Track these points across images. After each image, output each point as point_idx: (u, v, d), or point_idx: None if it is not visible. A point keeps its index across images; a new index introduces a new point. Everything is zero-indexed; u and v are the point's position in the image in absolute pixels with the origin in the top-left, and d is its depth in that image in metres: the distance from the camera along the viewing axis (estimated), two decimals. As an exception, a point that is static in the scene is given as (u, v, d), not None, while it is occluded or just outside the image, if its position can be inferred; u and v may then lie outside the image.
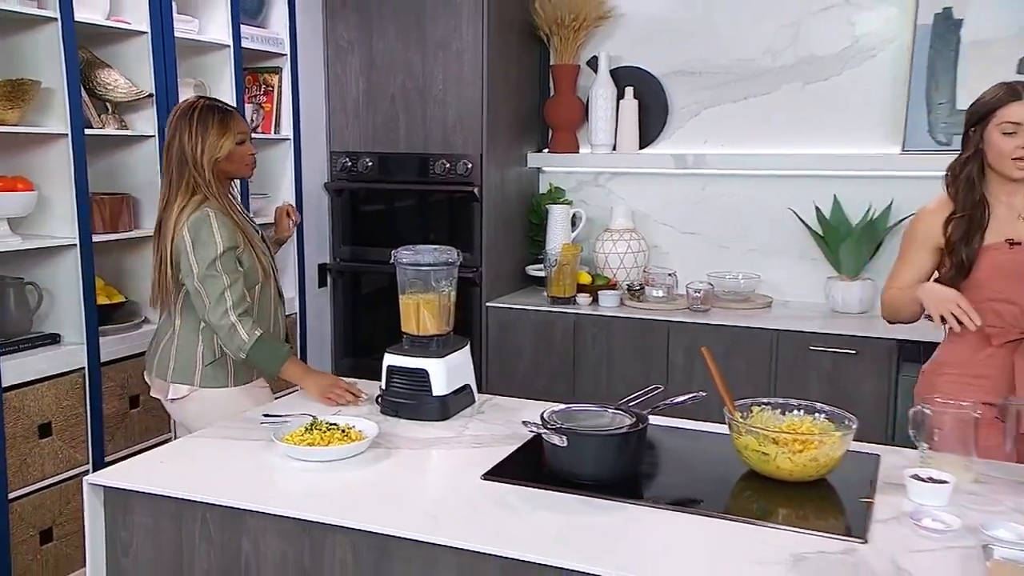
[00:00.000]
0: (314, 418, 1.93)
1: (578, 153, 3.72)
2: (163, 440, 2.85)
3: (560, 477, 1.69)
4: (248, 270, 2.27)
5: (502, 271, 3.61)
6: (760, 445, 1.68)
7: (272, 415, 2.06)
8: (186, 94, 2.97)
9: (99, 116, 2.77)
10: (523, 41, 3.63)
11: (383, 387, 2.12)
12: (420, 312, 2.11)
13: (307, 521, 1.56)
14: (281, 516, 1.58)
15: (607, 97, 3.58)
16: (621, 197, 3.69)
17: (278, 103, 3.46)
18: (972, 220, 2.04)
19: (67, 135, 2.55)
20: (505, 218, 3.62)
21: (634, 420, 1.75)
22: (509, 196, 3.64)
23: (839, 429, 1.73)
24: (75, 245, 2.60)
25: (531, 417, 1.78)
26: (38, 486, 2.52)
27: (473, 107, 3.40)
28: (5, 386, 2.42)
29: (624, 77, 3.61)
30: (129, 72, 2.83)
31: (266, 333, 2.24)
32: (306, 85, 3.53)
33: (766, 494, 1.67)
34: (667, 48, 3.57)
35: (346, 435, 1.87)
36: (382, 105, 3.54)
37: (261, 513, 1.60)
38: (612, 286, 3.48)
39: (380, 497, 1.65)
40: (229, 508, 1.62)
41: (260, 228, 2.45)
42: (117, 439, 2.76)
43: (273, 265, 2.41)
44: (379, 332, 3.59)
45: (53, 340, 2.63)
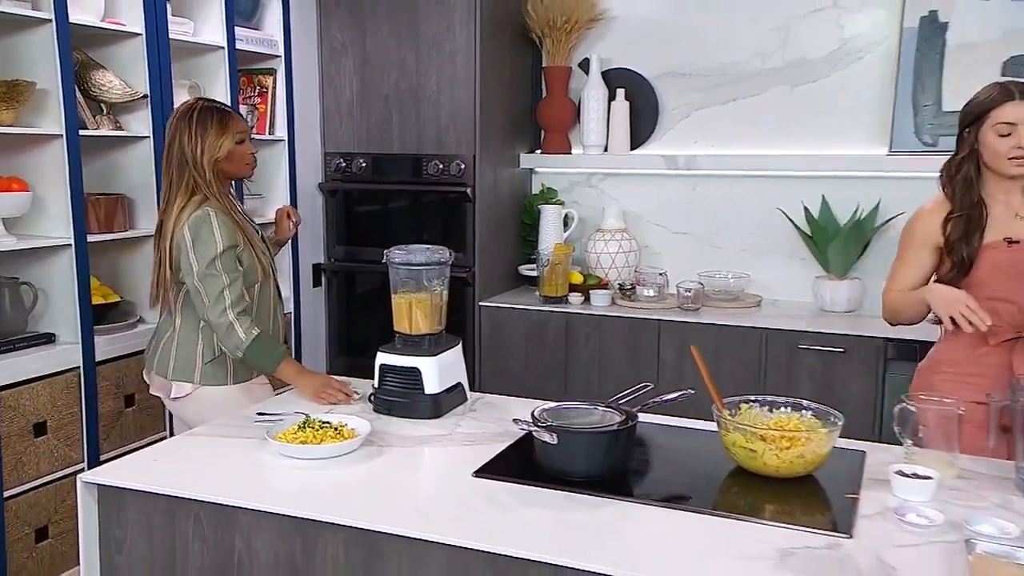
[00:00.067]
0: (307, 416, 1.94)
1: (570, 154, 3.75)
2: (158, 439, 2.86)
3: (551, 474, 1.69)
4: (248, 269, 2.28)
5: (495, 271, 3.63)
6: (748, 442, 1.69)
7: (266, 413, 2.08)
8: (180, 95, 2.99)
9: (94, 117, 2.79)
10: (515, 43, 3.65)
11: (376, 385, 2.14)
12: (412, 311, 2.12)
13: (299, 518, 1.57)
14: (274, 514, 1.59)
15: (599, 99, 3.60)
16: (613, 197, 3.72)
17: (272, 104, 3.47)
18: (971, 219, 2.05)
19: (62, 136, 2.56)
20: (498, 218, 3.63)
21: (623, 418, 1.77)
22: (502, 196, 3.66)
23: (825, 426, 1.74)
24: (70, 245, 2.61)
25: (522, 415, 1.79)
26: (33, 484, 2.53)
27: (466, 108, 3.41)
28: (0, 385, 2.43)
29: (615, 79, 3.63)
30: (124, 73, 2.84)
31: (263, 333, 2.25)
32: (300, 86, 3.54)
33: (754, 490, 1.68)
34: (658, 50, 3.59)
35: (339, 433, 1.88)
36: (376, 106, 3.56)
37: (254, 511, 1.60)
38: (604, 286, 3.50)
39: (372, 494, 1.66)
40: (222, 506, 1.63)
41: (260, 228, 2.47)
42: (112, 438, 2.77)
43: (272, 265, 2.43)
44: (373, 331, 3.56)
45: (48, 340, 2.64)
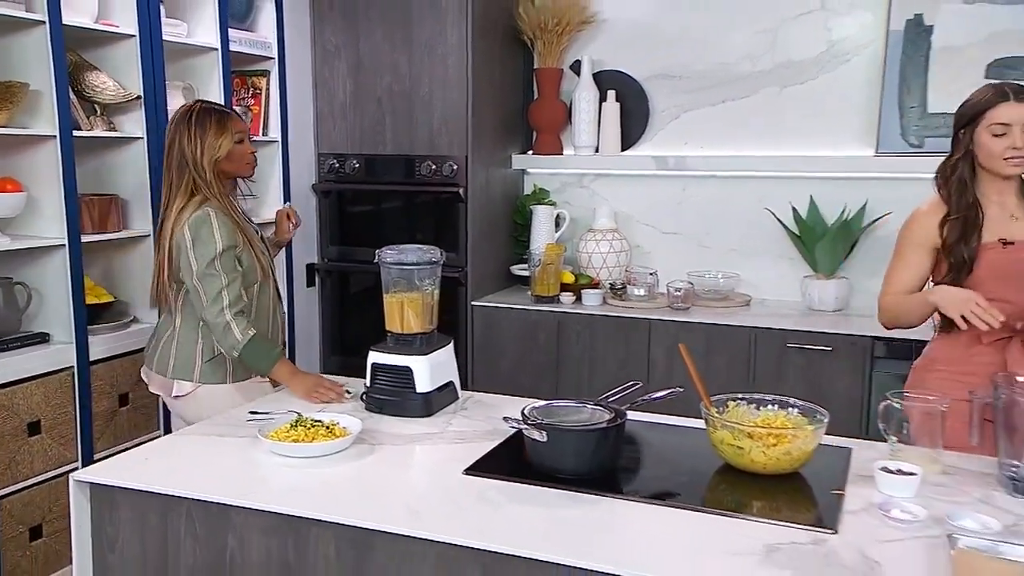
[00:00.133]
0: (299, 415, 1.95)
1: (562, 155, 3.76)
2: (152, 438, 2.85)
3: (540, 472, 1.70)
4: (247, 269, 2.30)
5: (487, 271, 3.65)
6: (735, 439, 1.71)
7: (258, 412, 2.09)
8: (174, 97, 3.00)
9: (87, 118, 2.79)
10: (507, 45, 3.67)
11: (368, 384, 2.15)
12: (404, 311, 2.14)
13: (291, 516, 1.57)
14: (265, 512, 1.59)
15: (590, 100, 3.62)
16: (604, 198, 3.74)
17: (266, 106, 3.48)
18: (967, 221, 2.06)
19: (55, 137, 2.57)
20: (490, 219, 3.65)
21: (613, 415, 1.77)
22: (494, 197, 3.68)
23: (812, 423, 1.76)
24: (64, 245, 2.62)
25: (513, 413, 1.80)
26: (27, 483, 2.54)
27: (458, 110, 3.43)
28: (-6, 385, 2.45)
29: (606, 81, 3.65)
30: (117, 75, 2.85)
31: (259, 334, 2.27)
32: (294, 88, 3.55)
33: (741, 487, 1.69)
34: (648, 53, 3.61)
35: (330, 431, 1.88)
36: (369, 107, 3.57)
37: (246, 509, 1.60)
38: (595, 285, 3.52)
39: (363, 492, 1.66)
40: (214, 504, 1.63)
41: (259, 229, 2.49)
42: (106, 437, 2.78)
43: (272, 265, 2.45)
44: (366, 331, 3.61)
45: (42, 339, 2.65)
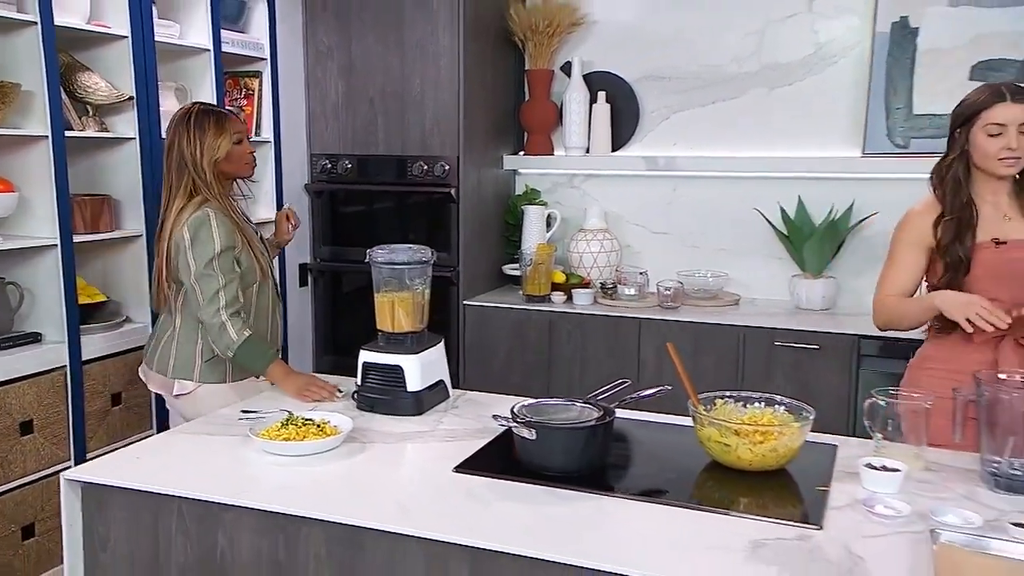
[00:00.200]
0: (290, 413, 1.95)
1: (553, 155, 3.78)
2: (145, 437, 2.86)
3: (530, 469, 1.71)
4: (246, 270, 2.32)
5: (479, 270, 3.66)
6: (722, 436, 1.72)
7: (249, 411, 2.09)
8: (167, 98, 3.01)
9: (80, 118, 2.80)
10: (499, 46, 3.68)
11: (359, 383, 2.15)
12: (395, 310, 2.15)
13: (281, 514, 1.57)
14: (256, 510, 1.59)
15: (580, 101, 3.64)
16: (594, 198, 3.75)
17: (259, 106, 3.49)
18: (961, 221, 2.07)
19: (47, 137, 2.58)
20: (482, 219, 3.67)
21: (601, 413, 1.78)
22: (486, 197, 3.69)
23: (798, 420, 1.77)
24: (56, 245, 2.63)
25: (503, 412, 1.80)
26: (20, 483, 2.55)
27: (450, 110, 3.44)
28: (-13, 384, 2.45)
29: (596, 82, 3.67)
30: (110, 75, 2.86)
31: (255, 334, 2.28)
32: (286, 89, 3.56)
33: (728, 484, 1.71)
34: (638, 54, 3.63)
35: (321, 430, 1.88)
36: (361, 108, 3.58)
37: (236, 507, 1.61)
38: (586, 285, 3.53)
39: (353, 490, 1.67)
40: (205, 502, 1.63)
41: (259, 229, 2.50)
42: (99, 436, 2.79)
43: (271, 266, 2.46)
44: (359, 330, 3.56)
45: (34, 339, 2.65)
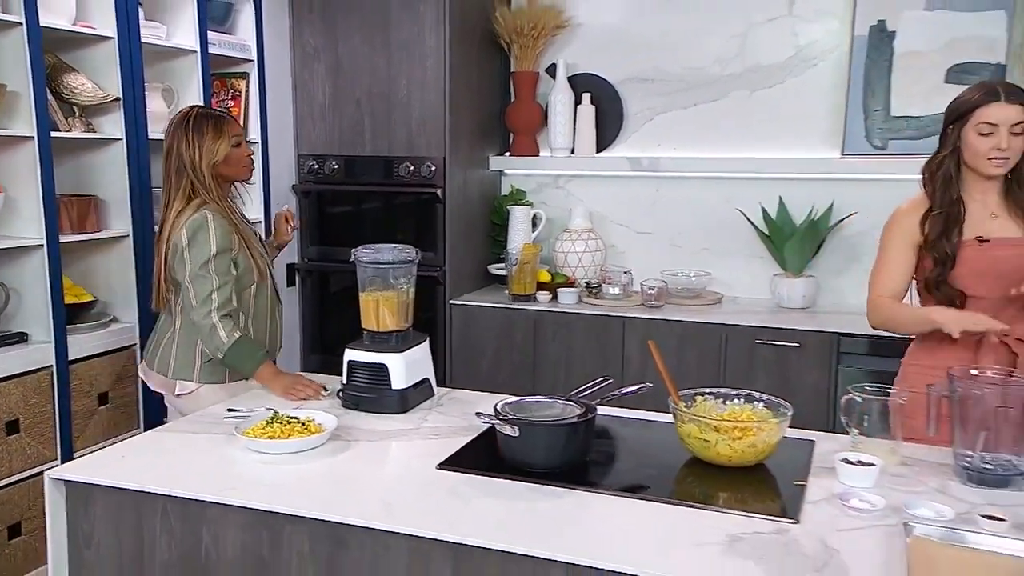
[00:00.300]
0: (275, 412, 1.96)
1: (538, 156, 3.80)
2: (132, 436, 2.87)
3: (512, 466, 1.72)
4: (243, 271, 2.34)
5: (465, 270, 3.68)
6: (702, 433, 1.74)
7: (235, 409, 2.11)
8: (154, 99, 3.02)
9: (66, 119, 2.80)
10: (484, 49, 3.70)
11: (344, 381, 2.17)
12: (380, 309, 2.16)
13: (265, 512, 1.58)
14: (240, 507, 1.60)
15: (565, 103, 3.66)
16: (579, 198, 3.78)
17: (246, 107, 3.48)
18: (949, 217, 2.07)
19: (33, 138, 2.58)
20: (468, 219, 3.69)
21: (583, 410, 1.80)
22: (472, 198, 3.71)
23: (776, 417, 1.80)
24: (42, 245, 2.63)
25: (487, 409, 1.81)
26: (6, 482, 2.55)
27: (436, 112, 3.46)
28: (-27, 384, 2.45)
29: (581, 84, 3.70)
30: (96, 76, 2.86)
31: (245, 336, 2.30)
32: (273, 90, 3.57)
33: (708, 479, 1.73)
34: (622, 57, 3.66)
35: (306, 428, 1.89)
36: (348, 109, 3.60)
37: (221, 504, 1.61)
38: (571, 284, 3.56)
39: (337, 487, 1.67)
40: (189, 500, 1.64)
41: (258, 231, 2.51)
42: (86, 436, 2.79)
43: (270, 267, 2.48)
44: (346, 329, 3.57)
45: (20, 339, 2.65)
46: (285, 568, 1.60)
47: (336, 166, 3.65)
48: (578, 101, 3.68)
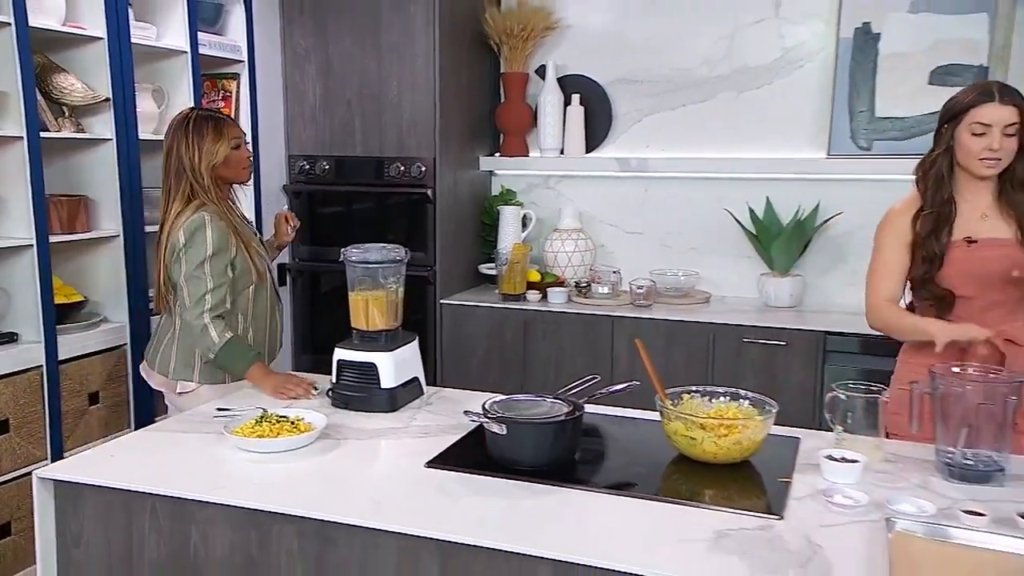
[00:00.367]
0: (264, 411, 1.97)
1: (528, 157, 3.82)
2: (123, 436, 2.88)
3: (500, 464, 1.73)
4: (241, 273, 2.35)
5: (455, 270, 3.69)
6: (688, 430, 1.75)
7: (225, 408, 2.11)
8: (144, 99, 3.02)
9: (56, 119, 2.80)
10: (475, 50, 3.72)
11: (334, 380, 2.17)
12: (369, 308, 2.17)
13: (254, 510, 1.58)
14: (229, 506, 1.60)
15: (555, 104, 3.68)
16: (569, 199, 3.80)
17: (236, 108, 3.49)
18: (940, 216, 2.08)
19: (23, 138, 2.58)
20: (458, 219, 3.70)
21: (571, 408, 1.81)
22: (462, 198, 3.72)
23: (761, 414, 1.81)
24: (32, 246, 2.62)
25: (475, 408, 1.81)
26: (-4, 482, 2.55)
27: (427, 112, 3.47)
28: (-37, 384, 2.45)
29: (570, 85, 3.71)
30: (86, 76, 2.85)
31: (236, 337, 2.30)
32: (264, 90, 3.57)
33: (694, 476, 1.74)
34: (611, 58, 3.68)
35: (295, 427, 1.90)
36: (338, 110, 3.60)
37: (209, 503, 1.61)
38: (560, 283, 3.58)
39: (326, 486, 1.68)
40: (178, 499, 1.64)
41: (257, 232, 2.52)
42: (76, 436, 2.79)
43: (269, 267, 2.48)
44: (337, 329, 3.57)
45: (10, 339, 2.65)
46: (274, 567, 1.60)
47: (327, 166, 3.65)
48: (567, 102, 3.70)
